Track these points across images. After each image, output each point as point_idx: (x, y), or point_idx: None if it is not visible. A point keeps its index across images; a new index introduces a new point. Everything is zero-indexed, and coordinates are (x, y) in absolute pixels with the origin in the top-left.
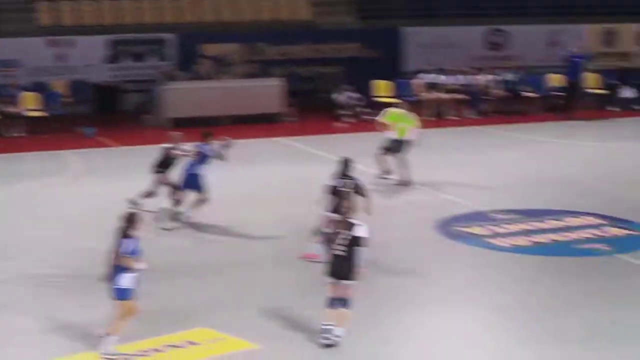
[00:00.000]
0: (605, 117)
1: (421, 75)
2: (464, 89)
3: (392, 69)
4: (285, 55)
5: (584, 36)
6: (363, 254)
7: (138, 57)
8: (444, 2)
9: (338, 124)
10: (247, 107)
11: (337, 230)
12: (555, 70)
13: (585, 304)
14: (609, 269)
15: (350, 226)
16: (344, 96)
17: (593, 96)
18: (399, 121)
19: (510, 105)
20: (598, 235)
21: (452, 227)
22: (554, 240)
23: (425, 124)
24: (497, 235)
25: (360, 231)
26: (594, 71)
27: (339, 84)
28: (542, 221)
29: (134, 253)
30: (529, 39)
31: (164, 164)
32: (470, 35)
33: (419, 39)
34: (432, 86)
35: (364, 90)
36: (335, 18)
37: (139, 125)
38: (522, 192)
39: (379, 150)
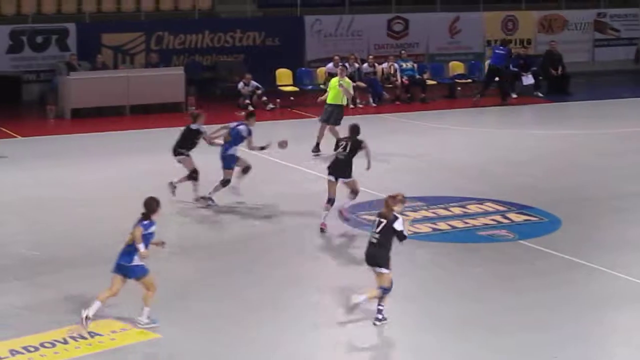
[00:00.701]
0: (507, 104)
1: (328, 65)
2: (366, 77)
3: (294, 58)
4: (185, 44)
5: (483, 24)
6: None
7: (39, 47)
8: None
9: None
10: (148, 97)
11: (379, 216)
12: (456, 57)
13: (488, 291)
14: (512, 255)
15: (393, 218)
16: (247, 85)
17: (494, 83)
18: (334, 86)
19: (412, 93)
20: (500, 222)
21: (354, 215)
22: (455, 227)
23: None
24: None
25: (398, 224)
26: None
27: (242, 73)
28: (444, 208)
29: (150, 235)
30: (429, 26)
31: (188, 144)
32: (372, 24)
33: (320, 27)
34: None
35: (266, 79)
36: (235, 7)
37: (41, 116)
38: (425, 179)
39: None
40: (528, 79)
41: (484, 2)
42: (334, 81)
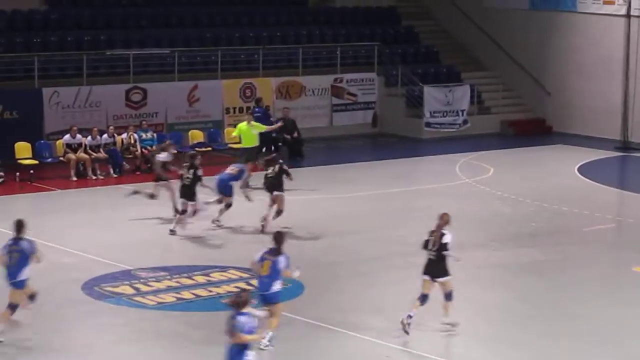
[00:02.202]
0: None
1: (65, 137)
2: (106, 148)
3: (33, 131)
4: None
5: (221, 91)
6: (449, 256)
7: None
8: (88, 62)
9: None
10: None
11: (431, 237)
12: (195, 126)
13: None
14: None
15: (441, 235)
16: None
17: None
18: (246, 131)
19: (153, 163)
20: (244, 289)
21: (98, 288)
22: (200, 295)
23: (68, 185)
24: (143, 293)
25: (446, 238)
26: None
27: None
28: (188, 277)
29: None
30: (168, 95)
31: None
32: (110, 94)
33: (58, 99)
34: (74, 146)
35: (5, 152)
36: None
37: None
38: (167, 248)
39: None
40: None
41: (222, 70)
42: (243, 127)
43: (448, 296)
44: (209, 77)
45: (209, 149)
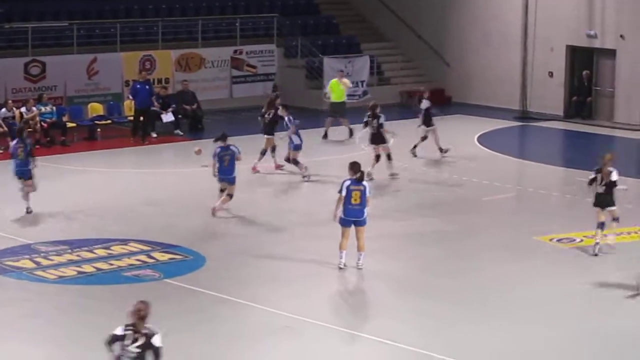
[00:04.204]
0: (144, 144)
1: (2, 110)
2: (5, 122)
3: None
4: None
5: (121, 64)
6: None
7: None
8: None
9: None
10: None
11: (597, 175)
12: (95, 99)
13: None
14: (158, 294)
15: (609, 172)
16: None
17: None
18: (336, 87)
19: (53, 136)
20: (145, 262)
21: None
22: (101, 269)
23: None
24: (43, 267)
25: (614, 176)
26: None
27: None
28: (89, 250)
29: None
30: (67, 68)
31: None
32: (8, 67)
33: None
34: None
35: None
36: None
37: None
38: (68, 222)
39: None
40: (168, 117)
41: (121, 43)
42: (334, 83)
43: (616, 220)
44: (108, 50)
45: (109, 122)
